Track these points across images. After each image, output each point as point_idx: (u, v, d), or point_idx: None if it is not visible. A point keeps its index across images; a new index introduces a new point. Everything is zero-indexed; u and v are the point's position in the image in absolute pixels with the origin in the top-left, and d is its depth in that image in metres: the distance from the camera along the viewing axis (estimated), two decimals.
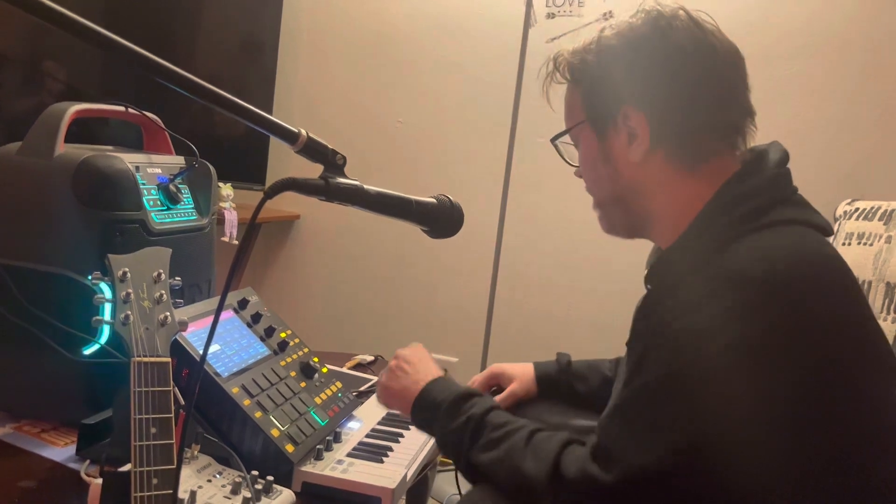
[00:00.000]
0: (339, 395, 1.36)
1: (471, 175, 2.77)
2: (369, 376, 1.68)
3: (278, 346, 1.35)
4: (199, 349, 1.15)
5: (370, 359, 1.83)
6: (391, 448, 1.26)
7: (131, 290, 0.86)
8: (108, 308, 0.86)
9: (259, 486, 1.04)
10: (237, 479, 1.04)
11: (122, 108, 1.44)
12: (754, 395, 0.78)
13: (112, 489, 0.81)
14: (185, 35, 2.84)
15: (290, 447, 1.13)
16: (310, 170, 0.94)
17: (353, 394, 1.43)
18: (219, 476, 1.06)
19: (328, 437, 1.23)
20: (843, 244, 1.92)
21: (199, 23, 2.86)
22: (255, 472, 1.06)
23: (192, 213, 1.45)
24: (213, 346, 1.21)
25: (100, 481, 0.86)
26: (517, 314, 2.75)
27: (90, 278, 0.88)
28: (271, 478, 1.06)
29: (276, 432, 1.14)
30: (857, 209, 1.98)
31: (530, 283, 2.76)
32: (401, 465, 1.20)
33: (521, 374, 1.36)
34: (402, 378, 1.14)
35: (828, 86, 2.38)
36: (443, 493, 2.17)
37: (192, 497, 0.97)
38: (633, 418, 0.85)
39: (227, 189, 2.43)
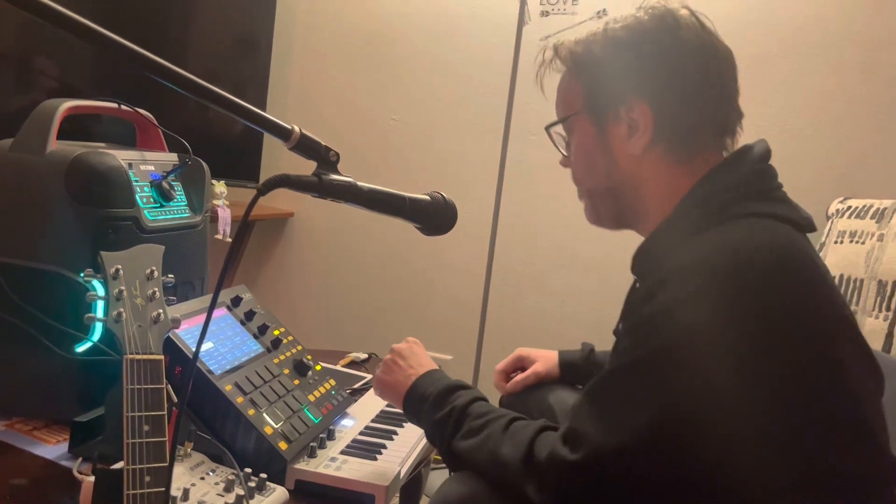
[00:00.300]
0: (333, 392, 1.36)
1: (465, 172, 2.77)
2: (363, 374, 1.68)
3: (272, 344, 1.35)
4: (192, 347, 1.14)
5: (364, 356, 1.83)
6: (385, 446, 1.26)
7: (124, 288, 0.86)
8: (101, 305, 0.86)
9: (252, 484, 1.04)
10: (230, 477, 1.04)
11: (114, 105, 1.43)
12: (709, 380, 0.80)
13: (104, 487, 0.81)
14: (179, 32, 2.83)
15: (283, 445, 1.13)
16: (304, 168, 0.94)
17: (347, 391, 1.43)
18: (212, 474, 1.05)
19: (322, 435, 1.23)
20: (836, 242, 1.93)
21: (194, 19, 2.85)
22: (249, 470, 1.06)
23: (185, 211, 1.44)
24: (206, 343, 1.21)
25: (92, 479, 0.86)
26: (511, 311, 2.75)
27: (83, 275, 0.88)
28: (264, 475, 1.06)
29: (269, 430, 1.14)
30: (849, 207, 1.99)
31: (524, 280, 2.76)
32: (394, 462, 1.20)
33: (545, 357, 1.43)
34: (395, 372, 1.18)
35: (821, 85, 2.39)
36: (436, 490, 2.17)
37: (185, 494, 0.97)
38: (600, 402, 0.87)
39: (220, 186, 2.42)
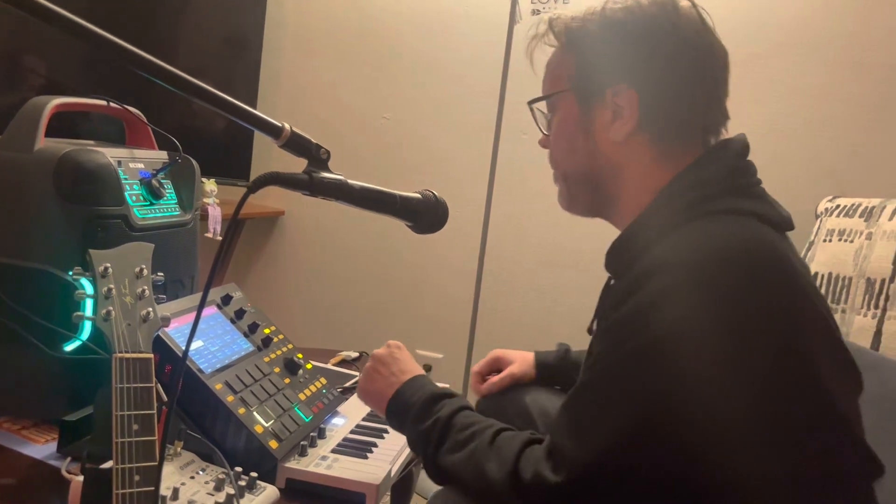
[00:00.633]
0: (324, 391, 1.36)
1: (456, 171, 2.77)
2: (354, 373, 1.68)
3: (262, 343, 1.34)
4: (182, 345, 1.14)
5: (355, 355, 1.83)
6: (375, 444, 1.26)
7: (113, 286, 0.86)
8: (90, 304, 0.85)
9: (243, 483, 1.03)
10: (220, 476, 1.03)
11: (103, 102, 1.42)
12: (689, 379, 0.78)
13: (93, 486, 0.81)
14: (169, 29, 2.82)
15: (273, 443, 1.13)
16: (294, 166, 0.94)
17: (338, 390, 1.43)
18: (202, 473, 1.05)
19: (312, 434, 1.23)
20: (825, 241, 1.94)
21: (184, 16, 2.84)
22: (239, 469, 1.06)
23: (174, 209, 1.44)
24: (196, 342, 1.20)
25: (81, 478, 0.86)
26: (502, 310, 2.76)
27: (71, 274, 0.87)
28: (255, 474, 1.06)
29: (259, 428, 1.13)
30: (838, 206, 2.00)
31: (515, 279, 2.76)
32: (385, 461, 1.20)
33: (521, 358, 1.40)
34: (377, 380, 1.13)
35: (810, 84, 2.40)
36: (427, 488, 2.17)
37: (175, 494, 0.96)
38: (576, 413, 0.86)
39: (210, 184, 2.41)
